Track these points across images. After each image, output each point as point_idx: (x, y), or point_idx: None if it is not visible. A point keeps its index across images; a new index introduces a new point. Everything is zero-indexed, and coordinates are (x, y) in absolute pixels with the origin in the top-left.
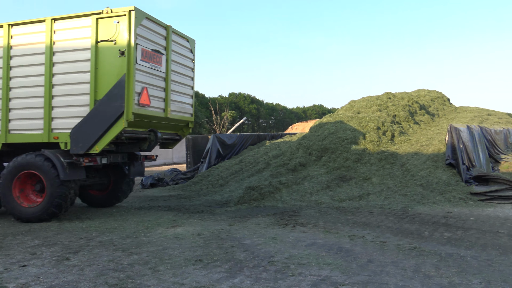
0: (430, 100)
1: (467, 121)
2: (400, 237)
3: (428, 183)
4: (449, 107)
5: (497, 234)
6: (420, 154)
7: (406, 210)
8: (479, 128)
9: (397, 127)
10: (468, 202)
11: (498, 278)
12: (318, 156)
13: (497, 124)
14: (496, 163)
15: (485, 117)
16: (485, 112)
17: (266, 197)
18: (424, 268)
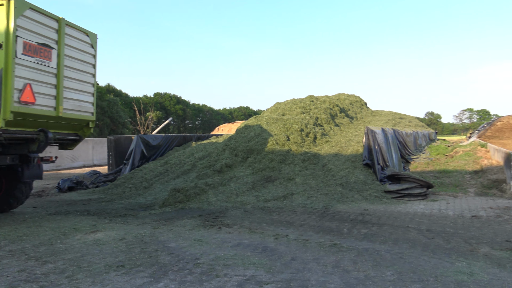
0: (349, 103)
1: (382, 124)
2: (321, 235)
3: (347, 182)
4: (366, 110)
5: (407, 228)
6: (340, 155)
7: (327, 208)
8: (392, 131)
9: (319, 129)
10: (382, 200)
11: (408, 270)
12: (244, 157)
13: (407, 127)
14: (407, 163)
15: (397, 120)
16: (398, 116)
17: (192, 199)
18: (343, 263)
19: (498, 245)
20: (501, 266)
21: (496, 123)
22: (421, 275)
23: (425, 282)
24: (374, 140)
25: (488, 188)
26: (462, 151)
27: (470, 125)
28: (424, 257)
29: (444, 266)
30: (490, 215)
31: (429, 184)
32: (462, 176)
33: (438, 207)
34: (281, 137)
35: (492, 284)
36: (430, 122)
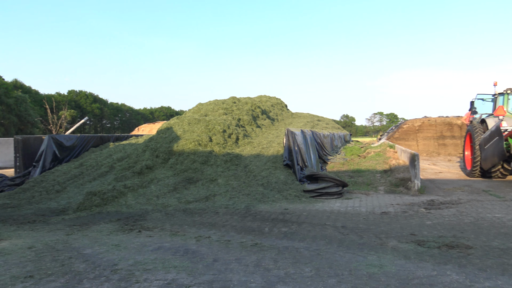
0: (271, 105)
1: (301, 125)
2: (243, 235)
3: (268, 182)
4: (287, 112)
5: (324, 226)
6: (261, 156)
7: (249, 208)
8: (311, 132)
9: (241, 130)
10: (301, 199)
11: (325, 265)
12: (165, 158)
13: (325, 128)
14: (324, 163)
15: (316, 122)
16: (316, 118)
17: (110, 202)
18: (264, 262)
19: (404, 238)
20: (407, 257)
21: (402, 126)
22: (337, 270)
23: (340, 276)
24: (294, 141)
25: (395, 186)
26: (373, 152)
27: (380, 128)
28: (339, 253)
29: (357, 260)
30: (398, 211)
31: (344, 183)
32: (373, 175)
33: (352, 204)
34: (203, 138)
35: (399, 275)
36: (345, 124)
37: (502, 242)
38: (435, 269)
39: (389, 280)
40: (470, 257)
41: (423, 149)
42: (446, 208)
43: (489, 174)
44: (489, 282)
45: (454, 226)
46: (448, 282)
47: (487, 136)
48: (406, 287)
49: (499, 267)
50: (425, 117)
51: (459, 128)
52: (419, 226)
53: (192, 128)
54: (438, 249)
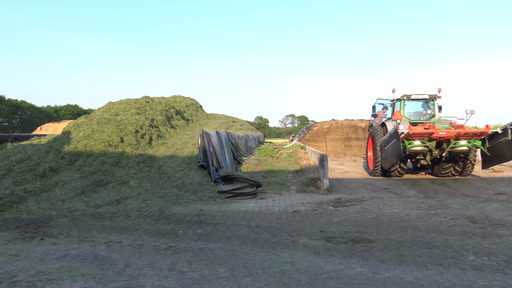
0: (185, 106)
1: (216, 126)
2: (157, 238)
3: (183, 184)
4: (202, 113)
5: (239, 226)
6: (176, 157)
7: (162, 211)
8: (226, 133)
9: (155, 130)
10: (216, 200)
11: (240, 265)
12: (72, 160)
13: (240, 130)
14: (239, 164)
15: (230, 123)
16: (231, 119)
17: (7, 209)
18: (179, 265)
19: (314, 235)
20: (317, 253)
21: (312, 128)
22: (251, 269)
23: (255, 275)
24: (209, 142)
25: (306, 186)
26: (286, 153)
27: (292, 129)
28: (254, 252)
29: (270, 259)
30: (308, 209)
31: (258, 183)
32: (286, 175)
33: (266, 204)
34: (114, 139)
35: (310, 270)
36: (259, 126)
37: (400, 235)
38: (342, 263)
39: (300, 276)
40: (372, 250)
41: (331, 150)
42: (351, 206)
43: (389, 173)
44: (389, 273)
45: (359, 222)
46: (354, 274)
47: (386, 138)
48: (316, 281)
49: (398, 258)
50: (333, 120)
51: (363, 130)
52: (328, 223)
53: (102, 128)
54: (345, 244)
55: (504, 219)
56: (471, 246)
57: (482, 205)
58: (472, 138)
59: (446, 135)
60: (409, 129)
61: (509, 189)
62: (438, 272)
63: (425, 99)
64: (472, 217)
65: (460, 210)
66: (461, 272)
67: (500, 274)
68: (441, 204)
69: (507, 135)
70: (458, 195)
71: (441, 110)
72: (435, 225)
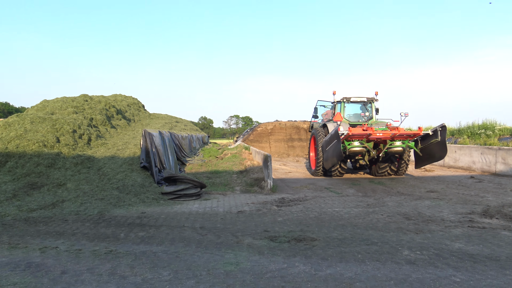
0: (126, 105)
1: (159, 126)
2: (96, 242)
3: (124, 186)
4: (144, 113)
5: (183, 228)
6: (117, 157)
7: (103, 214)
8: (169, 134)
9: (94, 130)
10: (160, 202)
11: (184, 267)
12: (2, 161)
13: (183, 130)
14: (183, 165)
15: (174, 123)
16: (174, 119)
17: None
18: (120, 270)
19: (258, 235)
20: (261, 253)
21: (257, 129)
22: (195, 271)
23: (199, 277)
24: (151, 143)
25: (250, 186)
26: (230, 153)
27: (237, 130)
28: (198, 254)
29: (215, 260)
30: (252, 209)
31: (202, 184)
32: (230, 176)
33: (210, 205)
34: (49, 139)
35: (254, 270)
36: (204, 126)
37: (340, 233)
38: (285, 262)
39: (245, 276)
40: (314, 248)
41: (275, 150)
42: (294, 205)
43: (330, 173)
44: (330, 270)
45: (301, 221)
46: (297, 272)
47: (327, 139)
48: (260, 281)
49: (338, 255)
50: (277, 120)
51: (305, 131)
52: (272, 223)
53: (36, 127)
54: (288, 243)
55: (435, 215)
56: (406, 241)
57: (415, 202)
58: (406, 139)
59: (383, 136)
60: (349, 131)
61: (439, 187)
62: (376, 267)
63: (363, 101)
64: (406, 214)
65: (396, 208)
66: (396, 266)
67: (431, 267)
68: (378, 202)
69: (437, 137)
70: (394, 194)
71: (378, 112)
72: (373, 223)
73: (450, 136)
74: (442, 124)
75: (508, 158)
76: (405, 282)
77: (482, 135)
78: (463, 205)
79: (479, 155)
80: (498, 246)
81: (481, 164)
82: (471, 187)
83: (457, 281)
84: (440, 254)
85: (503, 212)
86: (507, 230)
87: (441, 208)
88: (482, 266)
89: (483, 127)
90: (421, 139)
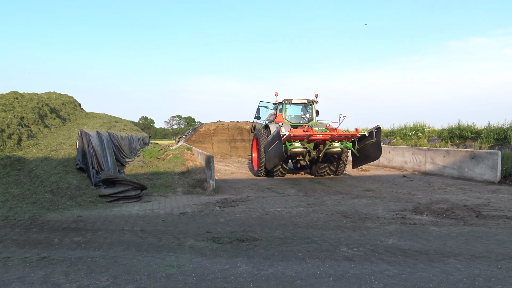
0: (61, 104)
1: (97, 126)
2: (27, 249)
3: (59, 188)
4: (81, 112)
5: (122, 231)
6: (50, 159)
7: (34, 219)
8: (107, 134)
9: (25, 130)
10: (97, 205)
11: (123, 272)
12: None
13: (123, 130)
14: (122, 166)
15: (113, 123)
16: (113, 119)
17: None
18: (54, 277)
19: (200, 236)
20: (203, 255)
21: (199, 129)
22: (135, 275)
23: (139, 281)
24: (88, 143)
25: (193, 187)
26: (172, 154)
27: (179, 130)
28: (138, 257)
29: (156, 263)
30: (195, 211)
31: (142, 186)
32: (172, 177)
33: (151, 207)
34: None
35: (196, 272)
36: (144, 126)
37: (282, 232)
38: (228, 262)
39: (187, 278)
40: (257, 248)
41: (217, 151)
42: (237, 206)
43: (272, 173)
44: (272, 269)
45: (244, 221)
46: (239, 273)
47: (269, 140)
48: (202, 283)
49: (280, 254)
50: (219, 121)
51: (248, 132)
52: (214, 224)
53: None
54: (231, 243)
55: (371, 213)
56: (344, 238)
57: (352, 201)
58: (344, 140)
59: (322, 137)
60: (290, 132)
61: (374, 186)
62: (316, 264)
63: (304, 103)
64: (344, 212)
65: (335, 207)
66: (335, 263)
67: (368, 262)
68: (318, 201)
69: (373, 138)
70: (333, 193)
71: (318, 114)
72: (313, 221)
73: (385, 137)
74: (377, 126)
75: (436, 158)
76: (343, 278)
77: (413, 137)
78: (396, 203)
79: (411, 156)
80: (427, 241)
81: (413, 164)
82: (403, 186)
83: (391, 275)
84: (375, 250)
85: (431, 208)
86: (435, 225)
87: (376, 206)
88: (413, 260)
89: (414, 129)
90: (358, 140)
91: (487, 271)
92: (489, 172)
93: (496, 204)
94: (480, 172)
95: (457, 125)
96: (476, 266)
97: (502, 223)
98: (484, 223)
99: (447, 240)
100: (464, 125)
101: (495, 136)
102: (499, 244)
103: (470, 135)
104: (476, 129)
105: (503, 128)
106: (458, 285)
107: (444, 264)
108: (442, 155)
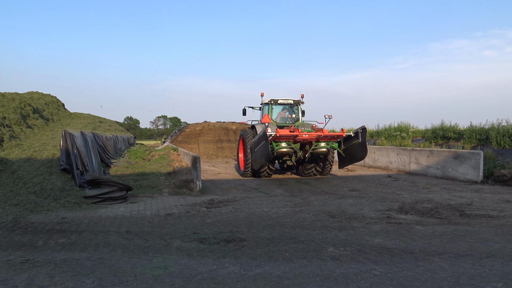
0: (44, 104)
1: (81, 127)
2: (10, 251)
3: (42, 190)
4: (64, 112)
5: (108, 233)
6: (33, 160)
7: (17, 221)
8: (92, 134)
9: (7, 130)
10: (82, 206)
11: (109, 274)
12: None
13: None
14: (107, 167)
15: (97, 124)
16: (98, 119)
17: None
18: (38, 280)
19: (187, 237)
20: (190, 256)
21: (185, 130)
22: (121, 277)
23: (125, 283)
24: (72, 144)
25: (179, 188)
26: (158, 154)
27: (164, 131)
28: (124, 259)
29: (142, 265)
30: (181, 211)
31: (128, 187)
32: (158, 177)
33: (137, 208)
34: None
35: (183, 273)
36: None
37: (269, 233)
38: (215, 263)
39: (174, 279)
40: (244, 249)
41: (204, 152)
42: (224, 206)
43: (258, 173)
44: (259, 269)
45: (231, 222)
46: (226, 273)
47: (256, 140)
48: (189, 284)
49: (267, 254)
50: (206, 122)
51: (234, 132)
52: (201, 225)
53: None
54: (218, 244)
55: (357, 212)
56: (330, 238)
57: (339, 201)
58: (330, 140)
59: (309, 138)
60: (276, 132)
61: (360, 186)
62: (303, 264)
63: (290, 104)
64: (330, 212)
65: (321, 207)
66: (322, 263)
67: (354, 262)
68: (304, 201)
69: (358, 138)
70: (319, 193)
71: (304, 114)
72: (300, 221)
73: (370, 137)
74: (363, 126)
75: (420, 158)
76: (330, 278)
77: (398, 137)
78: (381, 203)
79: (396, 156)
80: (413, 240)
81: (397, 164)
82: (389, 186)
83: (377, 274)
84: (362, 249)
85: (416, 208)
86: (420, 224)
87: (362, 206)
88: (398, 259)
89: (399, 130)
90: (344, 140)
91: (471, 269)
92: (472, 171)
93: (479, 203)
94: (463, 172)
95: (440, 125)
96: (460, 264)
97: (485, 222)
98: (468, 222)
99: (432, 239)
100: (447, 125)
101: (477, 136)
102: (482, 242)
103: (453, 135)
104: (459, 129)
105: (485, 128)
106: (443, 283)
107: (429, 262)
108: (426, 155)
